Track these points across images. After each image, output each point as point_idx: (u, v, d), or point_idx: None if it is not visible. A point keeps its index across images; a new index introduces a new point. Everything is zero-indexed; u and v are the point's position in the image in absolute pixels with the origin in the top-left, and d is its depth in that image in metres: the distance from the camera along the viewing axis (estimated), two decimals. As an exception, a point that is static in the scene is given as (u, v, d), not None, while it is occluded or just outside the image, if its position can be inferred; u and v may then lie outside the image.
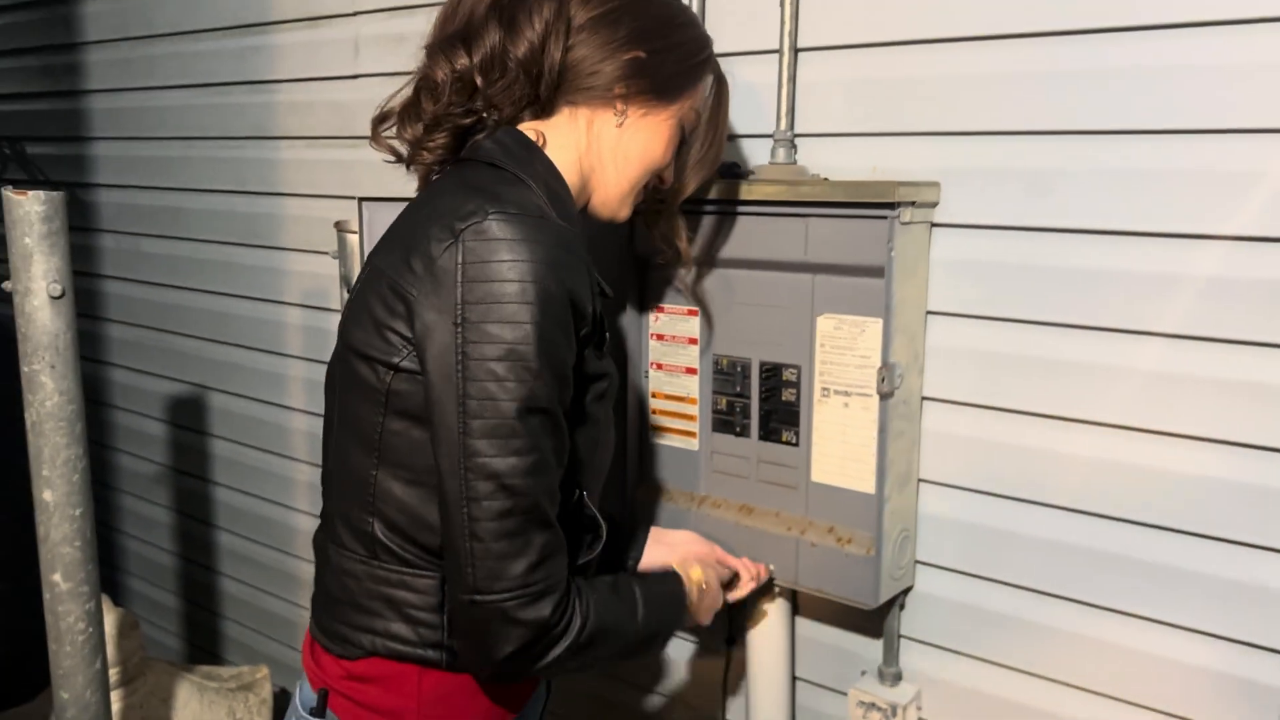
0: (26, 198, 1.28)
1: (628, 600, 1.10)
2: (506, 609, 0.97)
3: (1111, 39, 1.22)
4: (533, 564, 0.97)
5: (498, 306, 0.95)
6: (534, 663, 1.01)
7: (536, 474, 0.97)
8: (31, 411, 1.33)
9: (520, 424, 0.96)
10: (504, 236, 0.96)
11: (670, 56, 1.15)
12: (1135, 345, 1.24)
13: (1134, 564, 1.27)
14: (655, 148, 1.17)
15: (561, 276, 0.97)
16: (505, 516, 0.96)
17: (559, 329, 0.97)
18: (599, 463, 1.13)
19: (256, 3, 2.20)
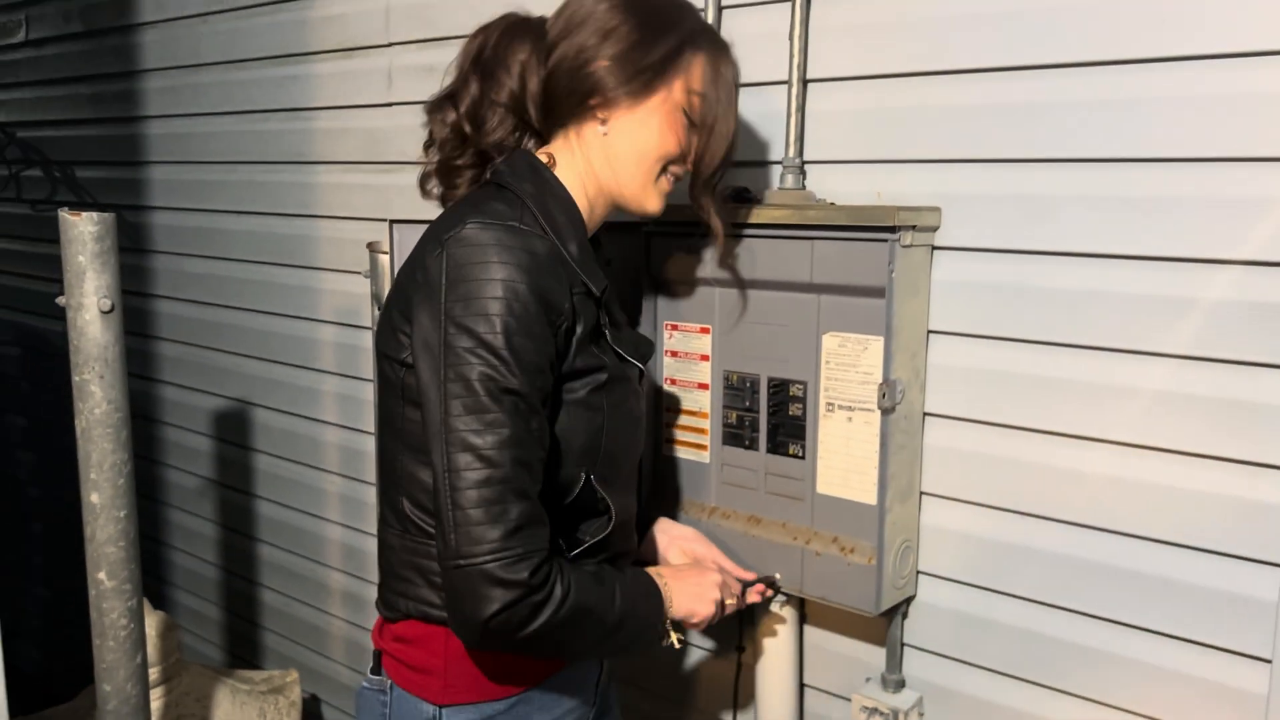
0: (80, 219, 1.37)
1: (608, 586, 1.18)
2: (487, 569, 1.06)
3: (1109, 71, 1.27)
4: (510, 530, 1.07)
5: (474, 302, 1.09)
6: (518, 629, 1.08)
7: (511, 447, 1.08)
8: (81, 419, 1.42)
9: (493, 403, 1.08)
10: (479, 242, 1.11)
11: (634, 54, 1.20)
12: (1126, 364, 1.29)
13: (1129, 575, 1.32)
14: (649, 140, 1.23)
15: (529, 276, 1.10)
16: (483, 485, 1.06)
17: (527, 322, 1.10)
18: (611, 449, 1.23)
19: (296, 34, 2.31)
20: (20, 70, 3.26)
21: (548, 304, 1.12)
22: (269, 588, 2.69)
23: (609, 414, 1.21)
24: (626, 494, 1.30)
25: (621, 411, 1.24)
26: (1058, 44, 1.30)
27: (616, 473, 1.26)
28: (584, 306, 1.18)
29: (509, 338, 1.08)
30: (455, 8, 1.98)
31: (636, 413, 1.30)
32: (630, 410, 1.27)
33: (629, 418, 1.26)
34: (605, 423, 1.21)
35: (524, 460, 1.09)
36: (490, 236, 1.12)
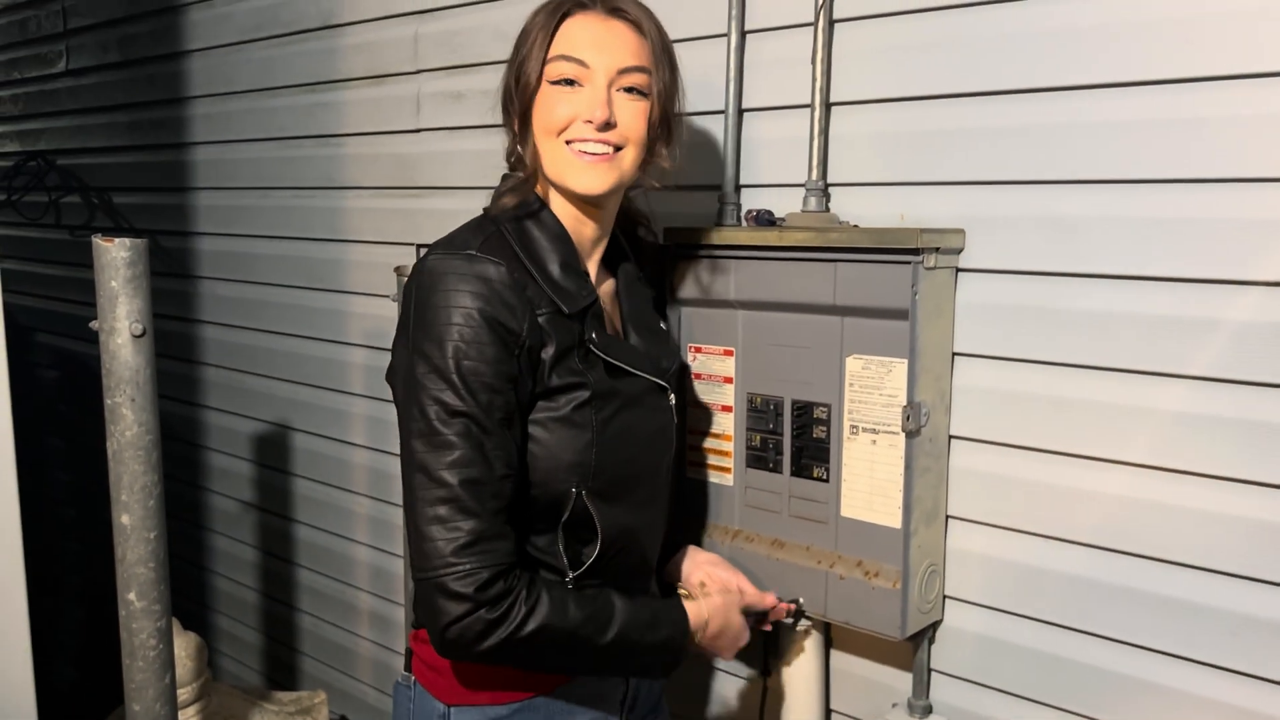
0: (113, 244, 1.40)
1: (602, 611, 1.20)
2: (439, 583, 1.10)
3: (1133, 93, 1.27)
4: (460, 546, 1.11)
5: (430, 330, 1.15)
6: (475, 643, 1.12)
7: (459, 467, 1.12)
8: (112, 441, 1.44)
9: (443, 426, 1.13)
10: (437, 272, 1.17)
11: (509, 70, 1.28)
12: (1152, 386, 1.28)
13: (1157, 600, 1.30)
14: (547, 121, 1.24)
15: (481, 302, 1.15)
16: (434, 504, 1.11)
17: (480, 345, 1.14)
18: (605, 465, 1.23)
19: (326, 62, 2.35)
20: (60, 99, 3.34)
21: (501, 325, 1.15)
22: (303, 610, 2.71)
23: (598, 430, 1.22)
24: (632, 516, 1.29)
25: (615, 426, 1.24)
26: (1081, 66, 1.30)
27: (619, 490, 1.26)
28: (555, 326, 1.20)
29: (459, 361, 1.13)
30: (482, 35, 2.01)
31: (644, 431, 1.30)
32: (629, 427, 1.26)
33: (630, 434, 1.27)
34: (594, 438, 1.22)
35: (474, 479, 1.12)
36: (446, 265, 1.17)
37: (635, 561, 1.33)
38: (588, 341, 1.23)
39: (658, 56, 1.26)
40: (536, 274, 1.21)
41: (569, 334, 1.21)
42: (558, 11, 1.24)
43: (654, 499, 1.35)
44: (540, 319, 1.19)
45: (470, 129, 2.06)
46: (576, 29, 1.23)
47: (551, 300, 1.21)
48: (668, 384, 1.34)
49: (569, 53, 1.22)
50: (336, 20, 2.31)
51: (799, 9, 1.53)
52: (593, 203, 1.27)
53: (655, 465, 1.34)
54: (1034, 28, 1.34)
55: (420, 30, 2.13)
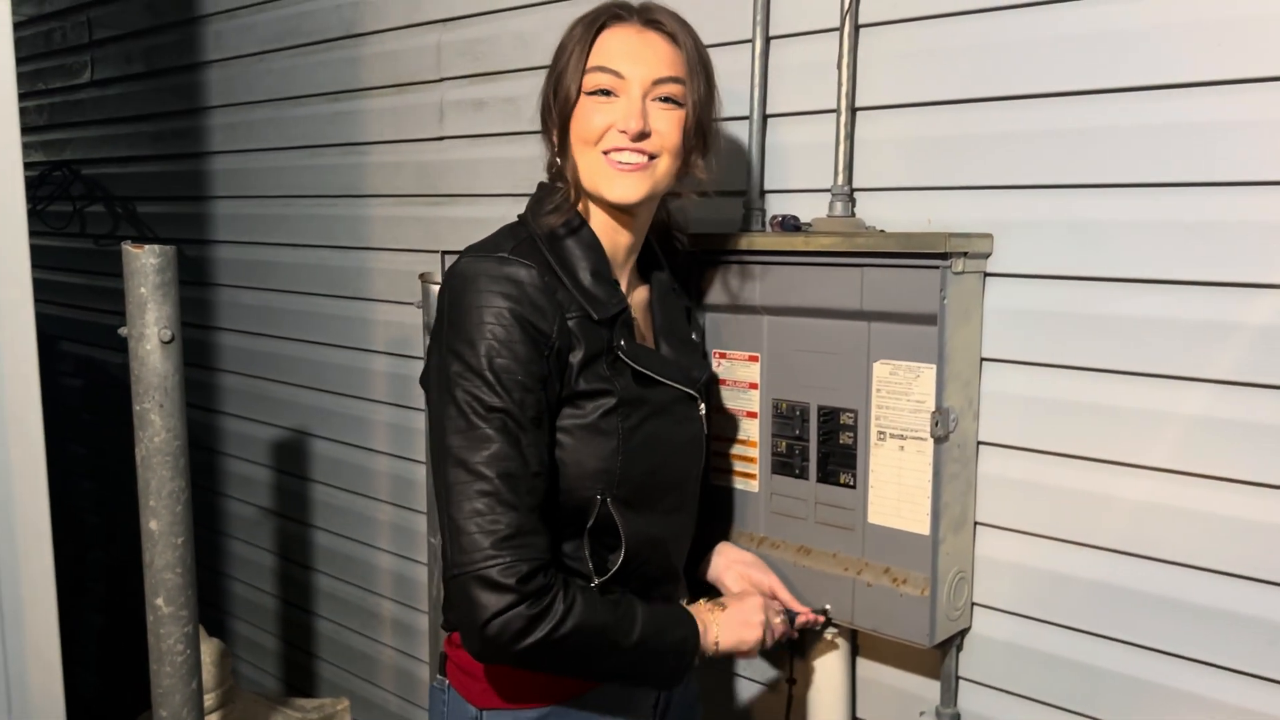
0: (142, 251, 1.41)
1: (627, 613, 1.20)
2: (481, 574, 1.10)
3: (1159, 95, 1.26)
4: (501, 538, 1.11)
5: (463, 330, 1.16)
6: (516, 640, 1.11)
7: (498, 460, 1.13)
8: (141, 447, 1.45)
9: (481, 421, 1.14)
10: (468, 274, 1.19)
11: (547, 80, 1.29)
12: (1184, 391, 1.27)
13: (1186, 607, 1.29)
14: (583, 129, 1.25)
15: (512, 303, 1.16)
16: (474, 498, 1.11)
17: (512, 346, 1.15)
18: (630, 473, 1.23)
19: (349, 70, 2.36)
20: (85, 109, 3.37)
21: (532, 326, 1.17)
22: (323, 617, 2.72)
23: (624, 437, 1.23)
24: (658, 524, 1.29)
25: (642, 435, 1.25)
26: (1108, 69, 1.29)
27: (645, 497, 1.27)
28: (584, 330, 1.21)
29: (492, 360, 1.14)
30: (505, 44, 2.02)
31: (672, 439, 1.30)
32: (656, 435, 1.27)
33: (657, 442, 1.27)
34: (620, 445, 1.22)
35: (513, 473, 1.13)
36: (478, 268, 1.18)
37: (661, 569, 1.33)
38: (616, 349, 1.24)
39: (693, 67, 1.26)
40: (566, 280, 1.22)
41: (598, 340, 1.22)
42: (594, 24, 1.25)
43: (681, 508, 1.35)
44: (570, 322, 1.20)
45: (493, 137, 2.07)
46: (612, 41, 1.24)
47: (581, 305, 1.21)
48: (698, 393, 1.34)
49: (605, 64, 1.23)
50: (359, 29, 2.32)
51: (824, 14, 1.53)
52: (626, 211, 1.28)
53: (683, 474, 1.34)
54: (1061, 31, 1.33)
55: (443, 39, 2.14)
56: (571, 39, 1.27)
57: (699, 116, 1.27)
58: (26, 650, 1.58)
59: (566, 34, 1.28)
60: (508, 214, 1.35)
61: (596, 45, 1.24)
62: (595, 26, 1.25)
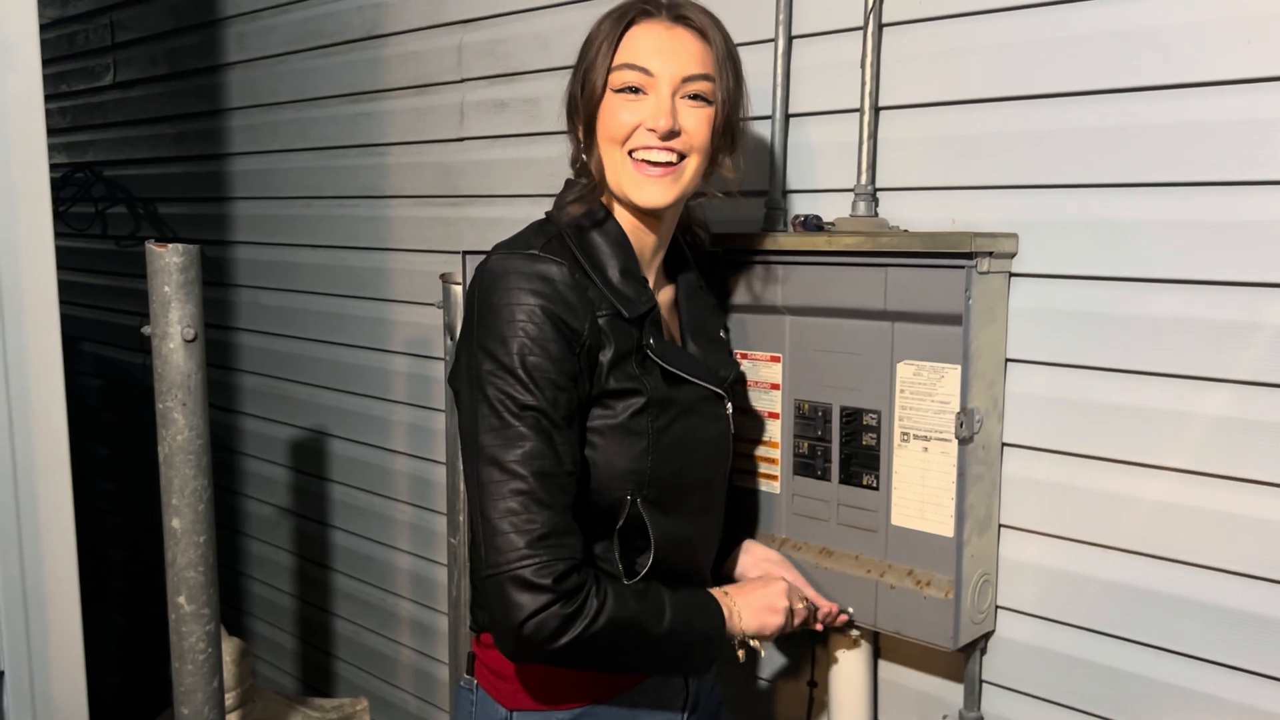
0: (166, 250, 1.41)
1: (654, 601, 1.19)
2: (515, 574, 1.09)
3: (1186, 94, 1.25)
4: (537, 537, 1.10)
5: (494, 329, 1.15)
6: (552, 639, 1.10)
7: (532, 459, 1.12)
8: (164, 445, 1.46)
9: (515, 420, 1.13)
10: (499, 271, 1.18)
11: (572, 100, 1.28)
12: (1212, 392, 1.25)
13: (1212, 610, 1.27)
14: (609, 127, 1.24)
15: (543, 299, 1.15)
16: (508, 497, 1.10)
17: (544, 344, 1.14)
18: (660, 473, 1.23)
19: (369, 72, 2.37)
20: (107, 111, 3.39)
21: (564, 324, 1.15)
22: (341, 616, 2.72)
23: (654, 438, 1.22)
24: (687, 525, 1.29)
25: (671, 435, 1.24)
26: (1135, 68, 1.28)
27: (674, 498, 1.26)
28: (614, 328, 1.20)
29: (524, 358, 1.13)
30: (526, 44, 2.02)
31: (700, 439, 1.29)
32: (685, 435, 1.26)
33: (686, 442, 1.26)
34: (650, 446, 1.22)
35: (547, 471, 1.12)
36: (509, 265, 1.17)
37: (689, 570, 1.32)
38: (645, 347, 1.23)
39: (722, 63, 1.25)
40: (596, 277, 1.21)
41: (627, 338, 1.21)
42: (623, 19, 1.24)
43: (709, 508, 1.34)
44: (600, 320, 1.19)
45: (514, 137, 2.07)
46: (641, 36, 1.23)
47: (611, 303, 1.21)
48: (725, 392, 1.34)
49: (633, 61, 1.22)
50: (380, 31, 2.33)
51: (847, 13, 1.52)
52: (653, 214, 1.27)
53: (711, 474, 1.33)
54: (1086, 29, 1.32)
55: (464, 40, 2.14)
56: (599, 34, 1.25)
57: (728, 114, 1.26)
58: (50, 649, 1.59)
59: (594, 28, 1.27)
60: (529, 214, 1.34)
61: (625, 41, 1.23)
62: (624, 22, 1.24)
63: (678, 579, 1.29)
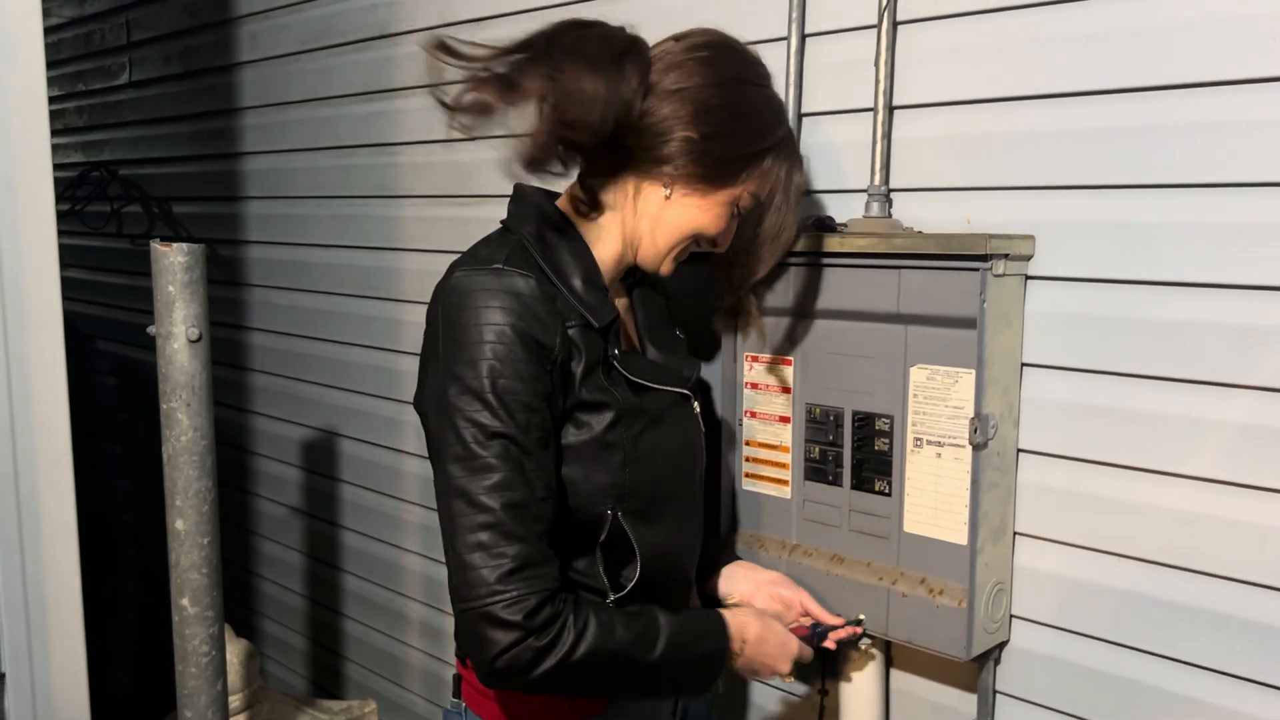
0: (171, 249, 1.40)
1: (649, 630, 1.15)
2: (486, 611, 1.06)
3: (1209, 93, 1.22)
4: (506, 572, 1.06)
5: (461, 350, 1.11)
6: (526, 671, 1.08)
7: (502, 490, 1.08)
8: (167, 446, 1.44)
9: (481, 449, 1.08)
10: (464, 289, 1.13)
11: (722, 143, 1.19)
12: (1234, 399, 1.22)
13: (1233, 622, 1.24)
14: (697, 222, 1.23)
15: (512, 316, 1.11)
16: (476, 530, 1.07)
17: (514, 363, 1.10)
18: (639, 485, 1.21)
19: (382, 70, 2.36)
20: (123, 110, 3.40)
21: (536, 341, 1.12)
22: (350, 617, 2.71)
23: (628, 449, 1.19)
24: (670, 533, 1.26)
25: (645, 444, 1.21)
26: (1155, 66, 1.25)
27: (654, 507, 1.24)
28: (584, 339, 1.17)
29: (494, 381, 1.09)
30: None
31: (673, 445, 1.27)
32: (659, 442, 1.24)
33: (657, 452, 1.23)
34: (625, 458, 1.19)
35: (517, 502, 1.08)
36: (473, 283, 1.13)
37: (675, 579, 1.30)
38: (611, 358, 1.20)
39: None
40: (563, 286, 1.18)
41: (596, 349, 1.18)
42: (794, 160, 1.27)
43: (690, 514, 1.32)
44: (570, 331, 1.15)
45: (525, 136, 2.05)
46: (797, 198, 1.28)
47: (580, 313, 1.17)
48: (691, 392, 1.31)
49: (764, 199, 1.24)
50: (393, 29, 2.32)
51: (861, 11, 1.50)
52: None
53: (688, 479, 1.31)
54: (1105, 27, 1.29)
55: (477, 38, 2.12)
56: (787, 160, 1.25)
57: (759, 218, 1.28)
58: (52, 652, 1.58)
59: (782, 133, 1.25)
60: (538, 214, 1.32)
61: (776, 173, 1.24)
62: (797, 167, 1.27)
63: (665, 590, 1.27)
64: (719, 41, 1.24)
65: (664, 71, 1.19)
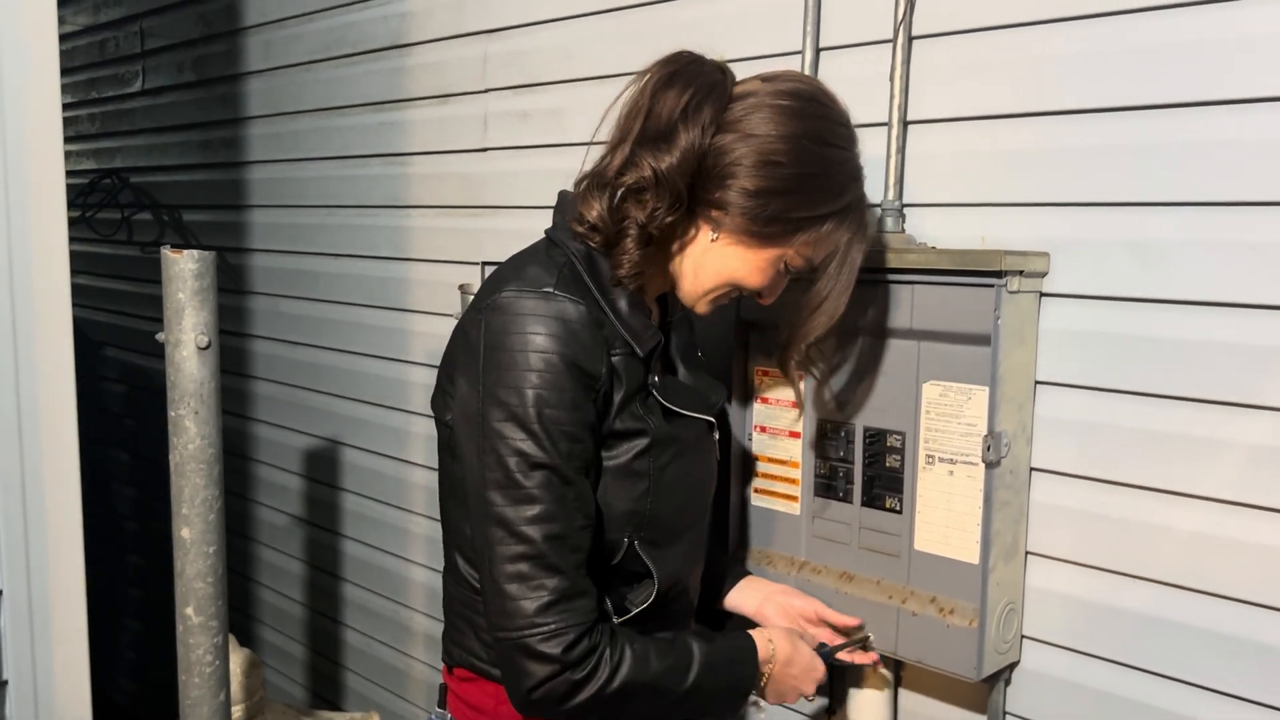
0: (181, 256, 1.40)
1: (682, 659, 1.15)
2: (523, 644, 1.05)
3: (1226, 111, 1.21)
4: (544, 605, 1.06)
5: (505, 374, 1.08)
6: (561, 702, 1.07)
7: (544, 522, 1.06)
8: (175, 454, 1.43)
9: (524, 479, 1.07)
10: (514, 311, 1.10)
11: (779, 201, 1.14)
12: (1248, 419, 1.21)
13: (1249, 646, 1.22)
14: (739, 273, 1.19)
15: (562, 344, 1.09)
16: (515, 561, 1.06)
17: (560, 392, 1.08)
18: (658, 514, 1.19)
19: (394, 81, 2.36)
20: (135, 118, 3.41)
21: (582, 370, 1.10)
22: (352, 627, 2.70)
23: (654, 478, 1.18)
24: (682, 560, 1.25)
25: (671, 474, 1.20)
26: (1172, 83, 1.24)
27: (669, 537, 1.22)
28: (626, 367, 1.14)
29: (540, 410, 1.07)
30: (551, 55, 2.00)
31: (697, 472, 1.26)
32: (684, 471, 1.22)
33: (683, 479, 1.22)
34: (650, 487, 1.18)
35: (557, 534, 1.07)
36: (524, 305, 1.10)
37: (682, 605, 1.29)
38: (649, 385, 1.18)
39: None
40: (610, 312, 1.15)
41: (637, 376, 1.16)
42: (859, 230, 1.21)
43: (700, 540, 1.31)
44: (615, 359, 1.13)
45: (536, 149, 2.05)
46: (854, 270, 1.23)
47: (625, 341, 1.15)
48: (715, 420, 1.29)
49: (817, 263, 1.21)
50: (405, 40, 2.32)
51: (876, 26, 1.49)
52: None
53: (704, 508, 1.30)
54: (1122, 44, 1.28)
55: (488, 50, 2.13)
56: (855, 221, 1.20)
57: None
58: (55, 660, 1.57)
59: (849, 193, 1.19)
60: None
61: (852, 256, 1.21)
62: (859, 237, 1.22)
63: (671, 616, 1.26)
64: (806, 93, 1.18)
65: (742, 113, 1.15)
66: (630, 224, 1.14)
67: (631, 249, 1.15)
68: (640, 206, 1.14)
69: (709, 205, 1.16)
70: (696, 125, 1.12)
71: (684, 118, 1.12)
